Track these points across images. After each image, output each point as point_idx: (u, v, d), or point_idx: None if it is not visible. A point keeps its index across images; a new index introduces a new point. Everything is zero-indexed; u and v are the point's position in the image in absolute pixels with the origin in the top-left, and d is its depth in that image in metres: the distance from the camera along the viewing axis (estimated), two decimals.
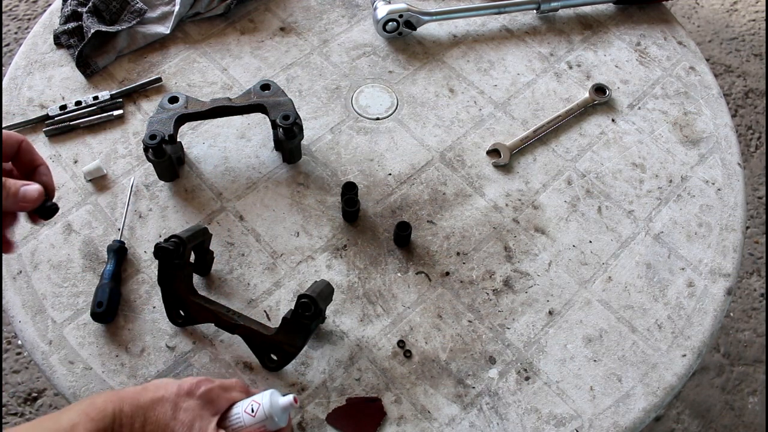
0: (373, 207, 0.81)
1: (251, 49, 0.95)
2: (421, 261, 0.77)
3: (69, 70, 0.92)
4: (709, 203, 0.83)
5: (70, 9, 0.93)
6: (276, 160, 0.85)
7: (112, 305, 0.71)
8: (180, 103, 0.79)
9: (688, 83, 0.94)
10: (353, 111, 0.89)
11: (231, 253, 0.77)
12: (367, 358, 0.71)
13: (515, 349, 0.72)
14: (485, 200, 0.82)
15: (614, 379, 0.71)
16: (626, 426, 0.68)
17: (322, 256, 0.77)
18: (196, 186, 0.82)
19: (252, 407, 0.56)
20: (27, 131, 0.86)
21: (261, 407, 0.56)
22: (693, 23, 2.14)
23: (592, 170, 0.86)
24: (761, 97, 1.99)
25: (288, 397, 0.56)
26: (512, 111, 0.90)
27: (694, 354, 0.73)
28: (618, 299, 0.76)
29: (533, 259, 0.78)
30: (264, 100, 0.79)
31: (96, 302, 0.70)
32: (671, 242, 0.80)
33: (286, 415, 0.57)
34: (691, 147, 0.88)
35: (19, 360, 1.50)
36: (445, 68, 0.94)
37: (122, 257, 0.75)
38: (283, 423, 0.57)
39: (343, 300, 0.74)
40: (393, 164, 0.85)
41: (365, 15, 1.00)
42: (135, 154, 0.85)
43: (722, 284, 0.77)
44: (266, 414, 0.55)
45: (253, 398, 0.57)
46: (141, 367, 0.70)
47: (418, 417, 0.68)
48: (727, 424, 1.48)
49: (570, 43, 0.98)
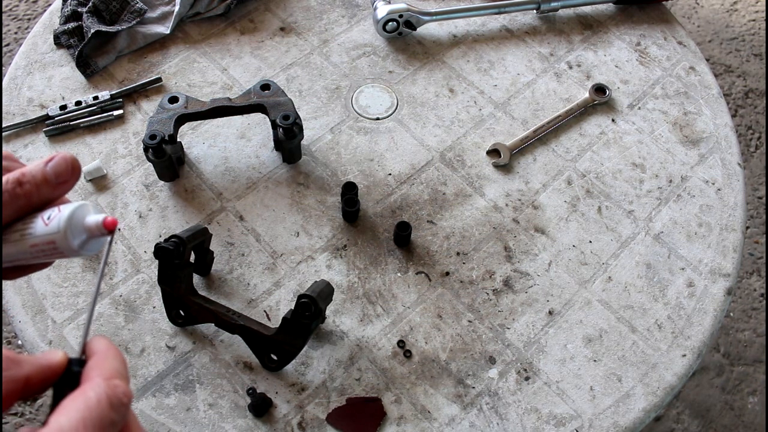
0: (373, 207, 0.81)
1: (251, 49, 0.95)
2: (421, 261, 0.77)
3: (69, 70, 0.92)
4: (709, 203, 0.83)
5: (70, 9, 0.93)
6: (276, 160, 0.85)
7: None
8: (180, 103, 0.79)
9: (688, 83, 0.94)
10: (353, 111, 0.90)
11: (231, 253, 0.77)
12: (367, 358, 0.71)
13: (515, 349, 0.72)
14: (485, 200, 0.82)
15: (614, 379, 0.71)
16: (626, 426, 0.68)
17: (322, 256, 0.77)
18: (196, 186, 0.82)
19: (51, 214, 0.39)
20: (27, 131, 0.86)
21: (57, 216, 0.38)
22: (693, 23, 2.14)
23: (592, 170, 0.86)
24: (761, 97, 1.99)
25: (96, 217, 0.38)
26: (512, 111, 0.90)
27: (694, 354, 0.73)
28: (618, 299, 0.76)
29: (533, 259, 0.78)
30: (264, 100, 0.79)
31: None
32: (671, 242, 0.80)
33: (96, 243, 0.39)
34: (691, 147, 0.88)
35: None
36: (445, 68, 0.94)
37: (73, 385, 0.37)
38: (85, 250, 0.39)
39: (343, 300, 0.74)
40: (393, 164, 0.85)
41: (365, 15, 1.00)
42: (135, 154, 0.85)
43: (722, 284, 0.77)
44: (60, 227, 0.38)
45: (64, 205, 0.40)
46: (141, 367, 0.70)
47: (418, 417, 0.68)
48: (727, 424, 1.48)
49: (570, 43, 0.98)
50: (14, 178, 0.38)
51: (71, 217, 0.38)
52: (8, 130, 0.85)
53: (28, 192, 0.39)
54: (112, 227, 0.38)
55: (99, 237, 0.39)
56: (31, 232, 0.39)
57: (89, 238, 0.39)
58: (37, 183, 0.39)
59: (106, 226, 0.38)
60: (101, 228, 0.38)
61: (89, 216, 0.39)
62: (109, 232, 0.38)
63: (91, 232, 0.38)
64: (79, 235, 0.38)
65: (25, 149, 0.85)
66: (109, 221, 0.38)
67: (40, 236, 0.38)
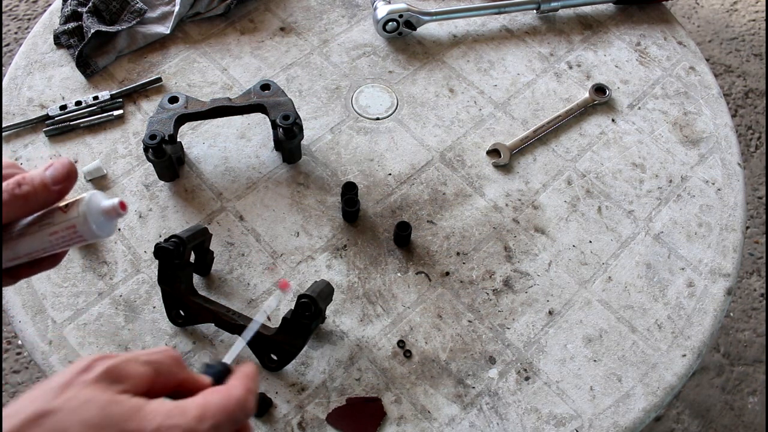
0: (373, 207, 0.81)
1: (251, 49, 0.95)
2: (421, 261, 0.77)
3: (69, 70, 0.92)
4: (709, 203, 0.83)
5: (70, 9, 0.93)
6: (276, 160, 0.85)
7: None
8: (180, 103, 0.79)
9: (688, 83, 0.95)
10: (353, 111, 0.90)
11: (231, 253, 0.77)
12: (367, 358, 0.71)
13: (515, 349, 0.72)
14: (485, 200, 0.82)
15: (614, 379, 0.71)
16: (626, 426, 0.68)
17: (322, 256, 0.77)
18: (196, 186, 0.82)
19: (67, 203, 0.45)
20: (27, 131, 0.86)
21: (76, 204, 0.45)
22: (693, 23, 2.14)
23: (592, 170, 0.86)
24: (761, 97, 1.99)
25: (113, 200, 0.44)
26: (512, 111, 0.90)
27: (694, 354, 0.73)
28: (618, 299, 0.76)
29: (533, 259, 0.78)
30: (264, 100, 0.79)
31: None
32: (671, 242, 0.80)
33: (111, 224, 0.46)
34: (691, 147, 0.88)
35: (19, 360, 1.50)
36: (445, 68, 0.94)
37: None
38: (102, 232, 0.45)
39: (343, 300, 0.74)
40: (393, 164, 0.85)
41: (365, 15, 1.00)
42: (135, 154, 0.85)
43: (722, 284, 0.77)
44: (79, 212, 0.44)
45: (80, 195, 0.46)
46: None
47: (418, 417, 0.68)
48: (727, 424, 1.48)
49: (570, 43, 0.98)
50: (14, 181, 0.42)
51: (89, 202, 0.44)
52: (8, 130, 0.85)
53: (27, 193, 0.42)
54: (125, 208, 0.44)
55: (114, 218, 0.45)
56: (49, 221, 0.44)
57: (105, 220, 0.44)
58: (35, 185, 0.42)
59: (123, 207, 0.44)
60: (118, 209, 0.44)
61: (105, 201, 0.44)
62: (122, 213, 0.45)
63: (109, 213, 0.44)
64: (97, 218, 0.44)
65: (25, 149, 0.85)
66: (123, 204, 0.44)
67: (59, 224, 0.44)
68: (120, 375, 0.36)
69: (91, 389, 0.34)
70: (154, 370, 0.38)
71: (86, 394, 0.34)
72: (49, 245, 0.45)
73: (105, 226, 0.45)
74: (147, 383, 0.37)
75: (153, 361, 0.38)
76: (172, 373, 0.39)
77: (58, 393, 0.34)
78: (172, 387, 0.39)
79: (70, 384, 0.35)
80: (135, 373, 0.37)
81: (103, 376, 0.35)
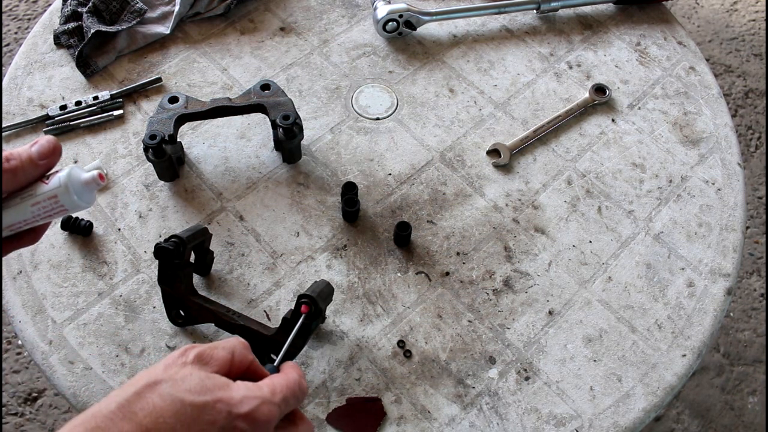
0: (373, 207, 0.81)
1: (251, 49, 0.95)
2: (421, 261, 0.77)
3: (69, 70, 0.92)
4: (709, 203, 0.83)
5: (70, 9, 0.93)
6: (276, 160, 0.85)
7: None
8: (180, 103, 0.79)
9: (688, 83, 0.95)
10: (353, 111, 0.90)
11: (231, 253, 0.77)
12: (367, 358, 0.71)
13: (515, 349, 0.72)
14: (485, 200, 0.82)
15: (614, 379, 0.71)
16: (626, 426, 0.68)
17: (322, 256, 0.77)
18: (196, 186, 0.82)
19: (48, 175, 0.48)
20: (27, 131, 0.86)
21: (57, 176, 0.47)
22: (693, 23, 2.14)
23: (592, 170, 0.86)
24: (761, 97, 1.99)
25: (92, 172, 0.47)
26: (512, 111, 0.90)
27: (694, 354, 0.73)
28: (618, 299, 0.76)
29: (533, 259, 0.78)
30: (264, 100, 0.79)
31: None
32: (671, 242, 0.80)
33: (91, 194, 0.49)
34: (691, 147, 0.88)
35: (19, 360, 1.51)
36: (445, 68, 0.94)
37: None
38: (84, 202, 0.48)
39: (343, 300, 0.74)
40: (393, 164, 0.85)
41: (365, 15, 1.00)
42: (135, 154, 0.85)
43: (722, 284, 0.77)
44: (61, 182, 0.46)
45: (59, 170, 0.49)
46: (141, 367, 0.70)
47: (418, 417, 0.68)
48: (727, 424, 1.48)
49: (570, 43, 0.98)
50: (3, 156, 0.46)
51: (70, 174, 0.46)
52: (8, 130, 0.85)
53: (15, 167, 0.46)
54: (104, 179, 0.48)
55: (94, 188, 0.48)
56: (31, 193, 0.47)
57: (86, 191, 0.47)
58: (23, 160, 0.46)
59: (101, 178, 0.47)
60: (97, 180, 0.47)
61: (84, 173, 0.47)
62: (101, 182, 0.48)
63: (89, 184, 0.47)
64: (78, 188, 0.47)
65: None
66: (102, 175, 0.48)
67: (41, 194, 0.46)
68: (209, 358, 0.46)
69: (189, 368, 0.44)
70: (231, 353, 0.47)
71: (186, 370, 0.44)
72: (31, 216, 0.47)
73: (85, 196, 0.48)
74: (228, 364, 0.47)
75: (230, 347, 0.48)
76: (244, 354, 0.48)
77: (164, 370, 0.44)
78: (245, 368, 0.48)
79: (173, 365, 0.44)
80: (219, 356, 0.46)
81: (197, 359, 0.45)
